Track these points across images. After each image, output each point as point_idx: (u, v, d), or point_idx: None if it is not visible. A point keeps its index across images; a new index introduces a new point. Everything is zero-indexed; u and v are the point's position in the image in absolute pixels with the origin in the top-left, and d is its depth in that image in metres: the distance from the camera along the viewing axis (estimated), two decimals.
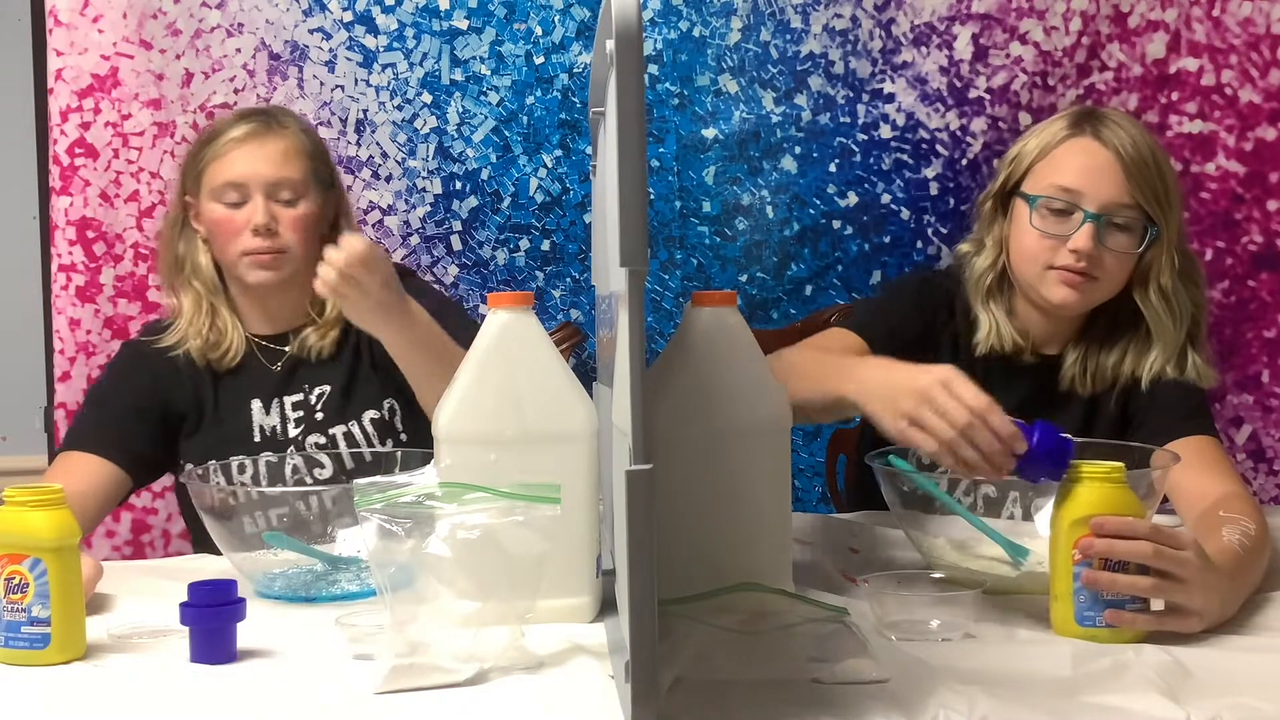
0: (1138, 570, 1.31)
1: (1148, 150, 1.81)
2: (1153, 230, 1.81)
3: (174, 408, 1.93)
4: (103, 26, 2.29)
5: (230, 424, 1.93)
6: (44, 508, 1.30)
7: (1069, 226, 1.80)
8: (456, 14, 2.34)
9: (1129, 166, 1.79)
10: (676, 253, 2.38)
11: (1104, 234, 1.79)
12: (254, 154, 1.88)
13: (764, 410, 1.44)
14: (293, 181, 1.89)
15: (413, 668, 1.21)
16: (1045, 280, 1.82)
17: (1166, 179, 1.83)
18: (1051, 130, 1.87)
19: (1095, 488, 1.34)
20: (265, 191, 1.87)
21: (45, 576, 1.29)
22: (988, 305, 1.90)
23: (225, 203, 1.88)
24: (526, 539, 1.25)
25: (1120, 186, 1.79)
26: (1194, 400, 1.83)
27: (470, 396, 1.39)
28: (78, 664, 1.30)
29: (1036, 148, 1.87)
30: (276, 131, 1.91)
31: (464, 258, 2.37)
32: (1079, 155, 1.82)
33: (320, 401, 1.95)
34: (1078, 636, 1.32)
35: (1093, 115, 1.86)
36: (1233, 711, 1.12)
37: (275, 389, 1.95)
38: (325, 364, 1.96)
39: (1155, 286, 1.83)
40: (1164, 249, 1.82)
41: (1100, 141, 1.81)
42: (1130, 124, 1.85)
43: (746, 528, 1.42)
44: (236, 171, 1.88)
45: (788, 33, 2.36)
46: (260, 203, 1.87)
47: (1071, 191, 1.80)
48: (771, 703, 1.15)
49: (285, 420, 1.94)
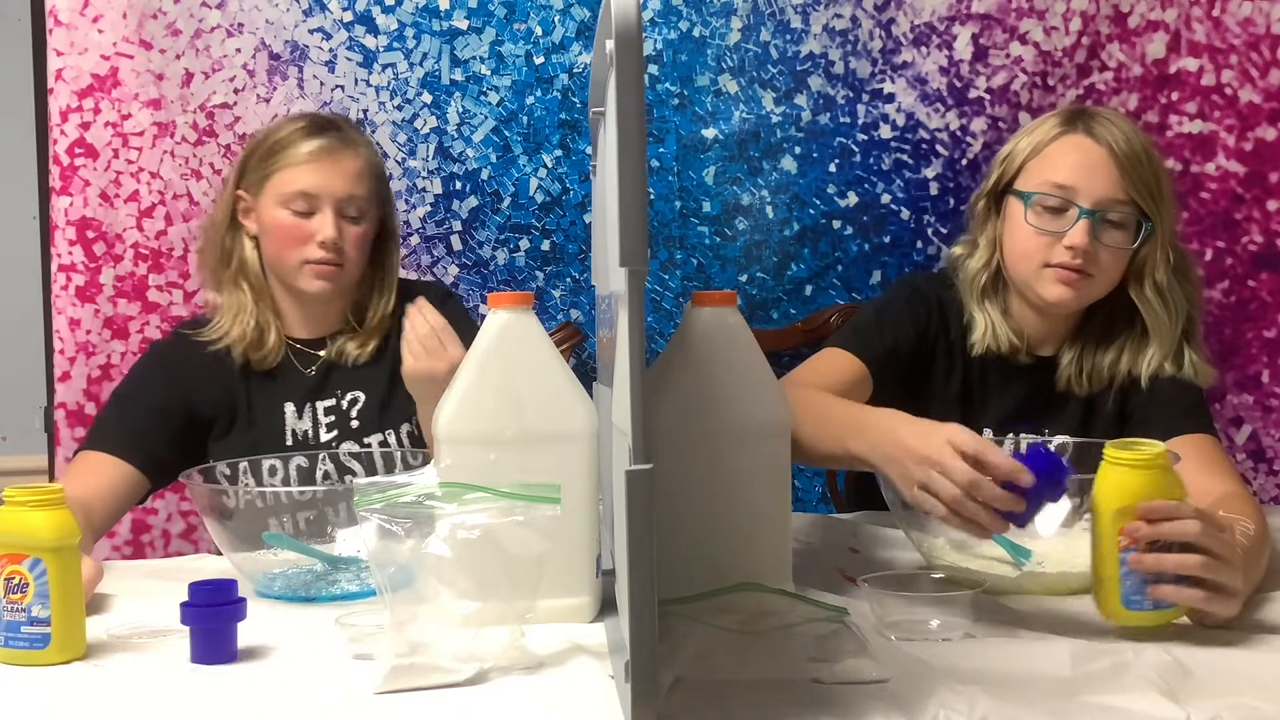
0: (1181, 551, 1.31)
1: (1140, 146, 1.82)
2: (1147, 226, 1.81)
3: (201, 411, 1.93)
4: (103, 26, 2.28)
5: (262, 426, 1.93)
6: (44, 508, 1.30)
7: (1064, 223, 1.80)
8: (456, 14, 2.34)
9: (1122, 162, 1.79)
10: (676, 253, 2.38)
11: (1099, 230, 1.79)
12: (330, 169, 1.90)
13: (764, 410, 1.44)
14: (360, 200, 1.92)
15: (413, 668, 1.21)
16: (1041, 278, 1.82)
17: (1159, 175, 1.83)
18: (1044, 128, 1.87)
19: (1138, 475, 1.33)
20: (335, 207, 1.90)
21: (45, 576, 1.29)
22: (983, 306, 1.90)
23: (293, 210, 1.90)
24: (526, 539, 1.25)
25: (1114, 182, 1.79)
26: (1192, 398, 1.83)
27: (470, 396, 1.39)
28: (78, 664, 1.30)
29: (1029, 146, 1.87)
30: (351, 149, 1.93)
31: (464, 258, 2.37)
32: (1072, 152, 1.82)
33: (355, 409, 1.95)
34: (1126, 621, 1.33)
35: (1084, 113, 1.87)
36: (1233, 711, 1.12)
37: (309, 393, 1.95)
38: (360, 371, 1.96)
39: (1151, 282, 1.83)
40: (1158, 244, 1.82)
41: (1093, 138, 1.81)
42: (1122, 121, 1.85)
43: (746, 528, 1.42)
44: (310, 183, 1.89)
45: (788, 33, 2.36)
46: (330, 217, 1.89)
47: (1066, 188, 1.80)
48: (771, 703, 1.15)
49: (318, 425, 1.94)
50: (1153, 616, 1.32)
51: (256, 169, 1.94)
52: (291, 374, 1.96)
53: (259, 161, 1.94)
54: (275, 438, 1.91)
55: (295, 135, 1.93)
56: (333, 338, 1.97)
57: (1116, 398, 1.86)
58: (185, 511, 2.35)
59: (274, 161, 1.92)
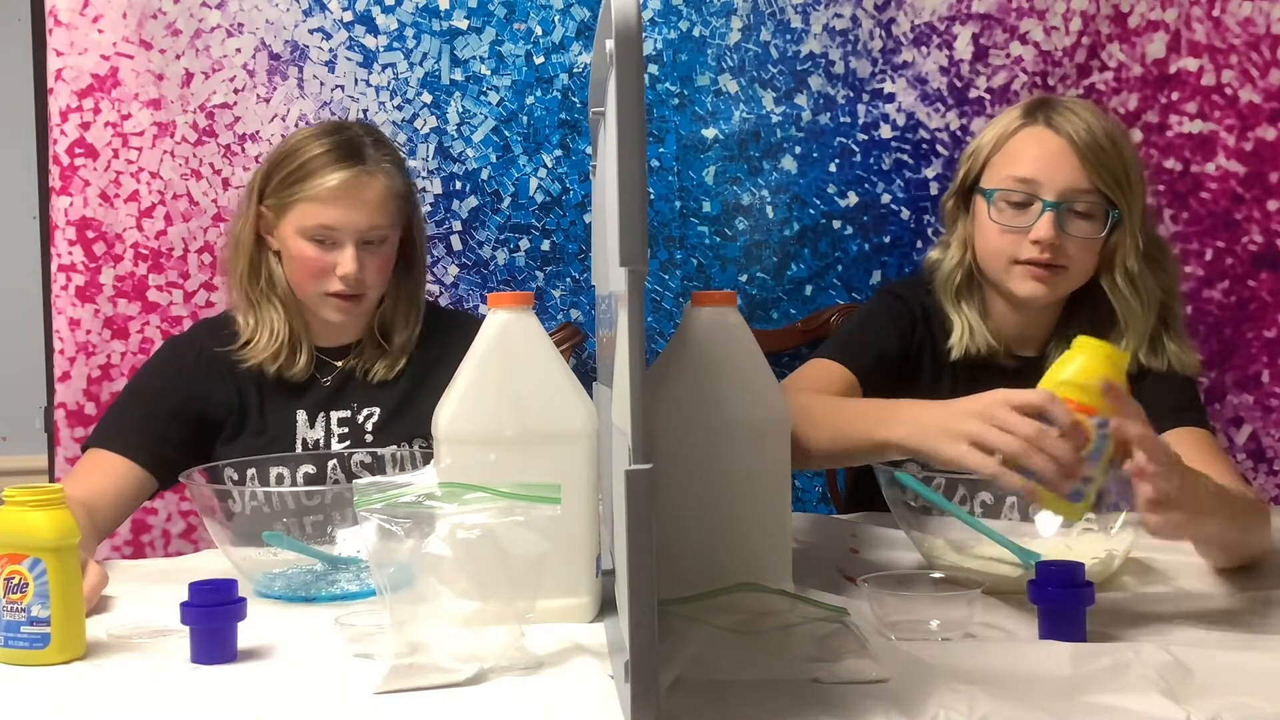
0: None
1: (1103, 134, 1.79)
2: (1114, 213, 1.79)
3: (214, 414, 1.91)
4: (103, 26, 2.29)
5: (274, 433, 1.90)
6: (43, 508, 1.30)
7: (1028, 218, 1.79)
8: (456, 14, 2.34)
9: (1083, 151, 1.78)
10: (676, 253, 2.38)
11: (1065, 221, 1.78)
12: (351, 203, 1.86)
13: (764, 410, 1.44)
14: (383, 227, 1.89)
15: (412, 668, 1.21)
16: (1011, 275, 1.81)
17: (1126, 161, 1.81)
18: (1004, 122, 1.86)
19: (1091, 357, 1.35)
20: (356, 240, 1.86)
21: (45, 576, 1.29)
22: (959, 307, 1.88)
23: (313, 240, 1.87)
24: (526, 539, 1.25)
25: (1076, 172, 1.78)
26: (1186, 394, 1.83)
27: (470, 396, 1.39)
28: (78, 664, 1.30)
29: (991, 140, 1.86)
30: (373, 175, 1.88)
31: (464, 258, 2.37)
32: (1032, 144, 1.81)
33: (370, 422, 1.93)
34: (1063, 512, 1.33)
35: (1045, 103, 1.85)
36: (1233, 711, 1.12)
37: (323, 402, 1.93)
38: (379, 386, 1.95)
39: (1122, 270, 1.82)
40: (1128, 232, 1.81)
41: (1052, 129, 1.80)
42: (1084, 109, 1.83)
43: (746, 528, 1.42)
44: (331, 219, 1.85)
45: (788, 33, 2.36)
46: (351, 252, 1.86)
47: (1027, 181, 1.79)
48: (771, 703, 1.15)
49: (330, 435, 1.92)
50: (1067, 507, 1.32)
51: (278, 192, 1.89)
52: (308, 382, 1.94)
53: (280, 184, 1.89)
54: (285, 445, 1.89)
55: (319, 162, 1.87)
56: (358, 351, 1.96)
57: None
58: (185, 511, 2.35)
59: (297, 191, 1.87)
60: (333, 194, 1.85)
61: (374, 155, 1.90)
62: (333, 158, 1.87)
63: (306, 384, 1.94)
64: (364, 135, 1.93)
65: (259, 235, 1.93)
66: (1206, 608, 1.42)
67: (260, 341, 1.91)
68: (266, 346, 1.90)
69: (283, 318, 1.92)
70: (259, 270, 1.93)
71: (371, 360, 1.95)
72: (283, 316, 1.92)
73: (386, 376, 1.95)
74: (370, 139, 1.93)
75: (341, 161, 1.87)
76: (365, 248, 1.88)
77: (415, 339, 1.97)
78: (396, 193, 1.91)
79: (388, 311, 1.97)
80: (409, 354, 1.96)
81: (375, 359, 1.95)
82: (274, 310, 1.92)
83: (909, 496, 1.56)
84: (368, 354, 1.96)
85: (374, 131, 2.00)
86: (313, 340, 1.95)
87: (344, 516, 1.53)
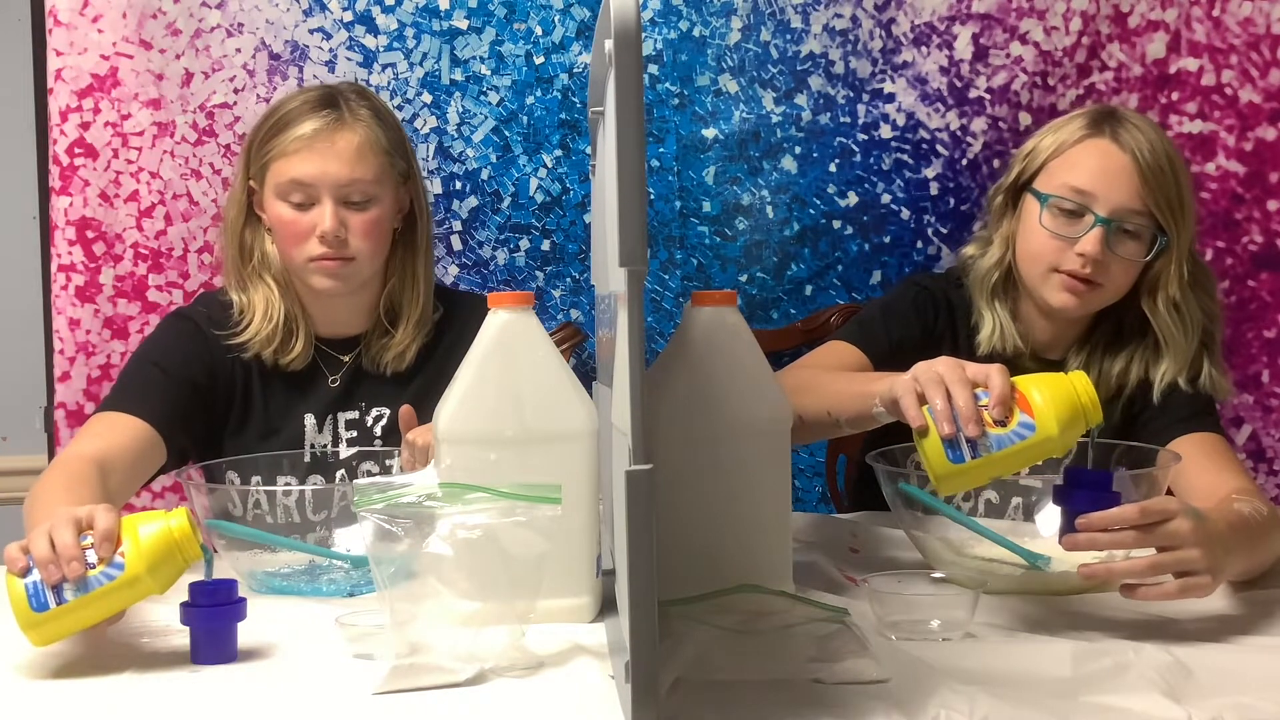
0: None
1: (1165, 157, 1.78)
2: (1162, 239, 1.78)
3: (222, 397, 1.82)
4: (102, 26, 2.28)
5: (282, 435, 1.82)
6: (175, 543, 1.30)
7: (1078, 229, 1.77)
8: (456, 14, 2.34)
9: (1145, 172, 1.76)
10: (676, 253, 2.38)
11: (1113, 239, 1.76)
12: (324, 153, 1.74)
13: (764, 410, 1.44)
14: (364, 183, 1.76)
15: (413, 668, 1.21)
16: (1048, 282, 1.80)
17: (1182, 188, 1.79)
18: (1069, 128, 1.83)
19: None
20: (335, 195, 1.74)
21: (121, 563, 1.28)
22: (992, 305, 1.87)
23: (291, 202, 1.76)
24: (527, 539, 1.26)
25: (1134, 192, 1.76)
26: (1200, 401, 1.81)
27: (470, 396, 1.39)
28: (78, 664, 1.30)
29: (1052, 144, 1.83)
30: (349, 125, 1.76)
31: (464, 258, 2.37)
32: (1095, 156, 1.79)
33: (379, 425, 1.85)
34: (934, 465, 1.35)
35: (1113, 116, 1.83)
36: (1233, 711, 1.12)
37: (331, 403, 1.84)
38: (390, 382, 1.85)
39: (1164, 297, 1.80)
40: (1173, 259, 1.79)
41: (1118, 144, 1.78)
42: (1150, 128, 1.81)
43: (746, 528, 1.42)
44: (303, 171, 1.74)
45: (788, 33, 2.36)
46: (329, 208, 1.74)
47: (1084, 193, 1.77)
48: (771, 703, 1.15)
49: (338, 438, 1.83)
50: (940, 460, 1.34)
51: (256, 157, 1.80)
52: (316, 381, 1.85)
53: (258, 148, 1.80)
54: (293, 449, 1.80)
55: (290, 113, 1.77)
56: (366, 342, 1.86)
57: (1125, 406, 1.84)
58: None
59: (270, 148, 1.77)
60: (303, 143, 1.74)
61: (353, 105, 1.79)
62: (307, 109, 1.77)
63: (315, 384, 1.85)
64: (348, 90, 1.83)
65: (250, 212, 1.84)
66: (1207, 608, 1.41)
67: (253, 321, 1.80)
68: (260, 327, 1.80)
69: (277, 294, 1.81)
70: (250, 249, 1.83)
71: (380, 349, 1.85)
72: (276, 296, 1.81)
73: (398, 367, 1.84)
74: (353, 92, 1.83)
75: (313, 110, 1.77)
76: (349, 207, 1.76)
77: (427, 322, 1.87)
78: (379, 146, 1.79)
79: (394, 292, 1.86)
80: (421, 342, 1.85)
81: (384, 347, 1.85)
82: (267, 289, 1.81)
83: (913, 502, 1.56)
84: (375, 343, 1.85)
85: (360, 88, 1.89)
86: (314, 328, 1.85)
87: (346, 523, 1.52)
